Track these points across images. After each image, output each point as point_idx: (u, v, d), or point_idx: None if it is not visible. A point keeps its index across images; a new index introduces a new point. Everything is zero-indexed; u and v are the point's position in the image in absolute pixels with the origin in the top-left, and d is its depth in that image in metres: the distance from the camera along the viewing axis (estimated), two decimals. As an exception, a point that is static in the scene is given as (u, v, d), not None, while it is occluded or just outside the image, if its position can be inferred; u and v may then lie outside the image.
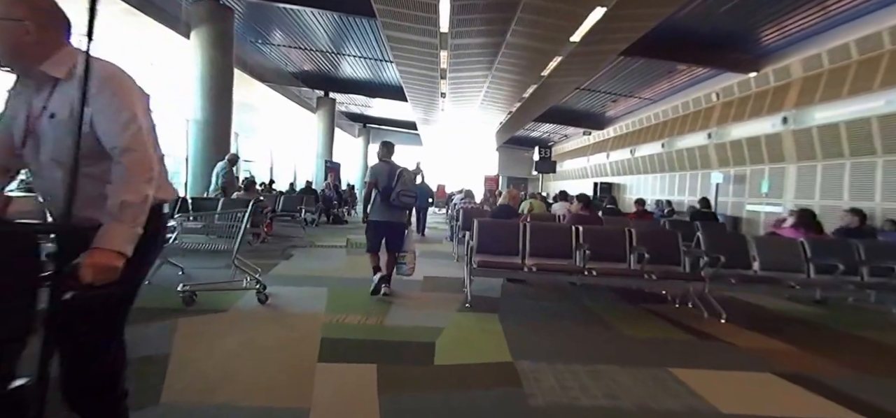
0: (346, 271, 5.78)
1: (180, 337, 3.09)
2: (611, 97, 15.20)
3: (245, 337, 3.17)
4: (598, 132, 19.50)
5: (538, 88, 12.70)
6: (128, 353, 1.58)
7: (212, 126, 9.35)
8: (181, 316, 3.52)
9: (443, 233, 10.82)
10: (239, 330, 3.30)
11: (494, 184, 20.52)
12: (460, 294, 4.71)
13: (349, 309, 4.02)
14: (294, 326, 3.45)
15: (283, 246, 7.41)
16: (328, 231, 10.02)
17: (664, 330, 3.90)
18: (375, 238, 4.52)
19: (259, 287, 4.02)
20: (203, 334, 3.17)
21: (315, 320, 3.62)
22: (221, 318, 3.55)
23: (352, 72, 16.13)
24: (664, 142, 13.47)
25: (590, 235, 4.61)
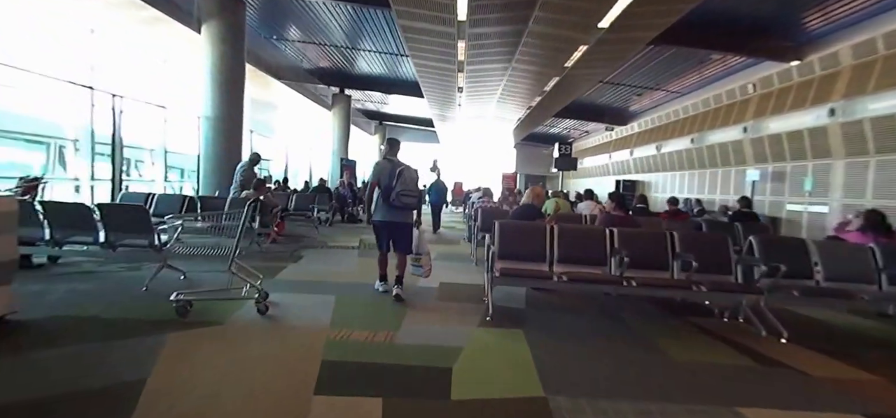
0: (356, 275, 5.39)
1: (165, 357, 2.72)
2: (636, 91, 14.49)
3: (236, 356, 2.78)
4: (620, 128, 18.74)
5: (560, 81, 12.11)
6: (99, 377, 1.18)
7: (223, 122, 9.10)
8: (173, 329, 3.16)
9: (460, 233, 10.39)
10: (231, 348, 2.92)
11: (512, 182, 19.96)
12: (480, 304, 4.26)
13: (357, 321, 3.61)
14: (293, 344, 3.06)
15: (293, 247, 7.08)
16: (342, 230, 9.69)
17: (719, 352, 3.37)
18: (380, 239, 4.37)
19: (258, 296, 3.64)
20: (190, 354, 2.80)
21: (317, 337, 3.22)
22: (214, 333, 3.18)
23: (367, 67, 15.81)
24: (693, 137, 12.73)
25: (626, 240, 4.10)
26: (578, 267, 4.05)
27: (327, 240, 8.05)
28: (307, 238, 8.14)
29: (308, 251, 6.87)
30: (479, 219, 6.60)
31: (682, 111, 13.75)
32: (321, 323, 3.52)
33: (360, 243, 7.79)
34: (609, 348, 3.35)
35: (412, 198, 4.24)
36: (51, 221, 4.17)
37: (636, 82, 13.70)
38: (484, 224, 6.46)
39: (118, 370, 2.51)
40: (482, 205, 6.86)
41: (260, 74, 14.21)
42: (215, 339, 3.06)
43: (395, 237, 4.32)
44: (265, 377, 2.54)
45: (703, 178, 12.62)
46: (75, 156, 8.53)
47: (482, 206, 6.81)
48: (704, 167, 12.47)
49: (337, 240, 8.13)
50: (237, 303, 3.73)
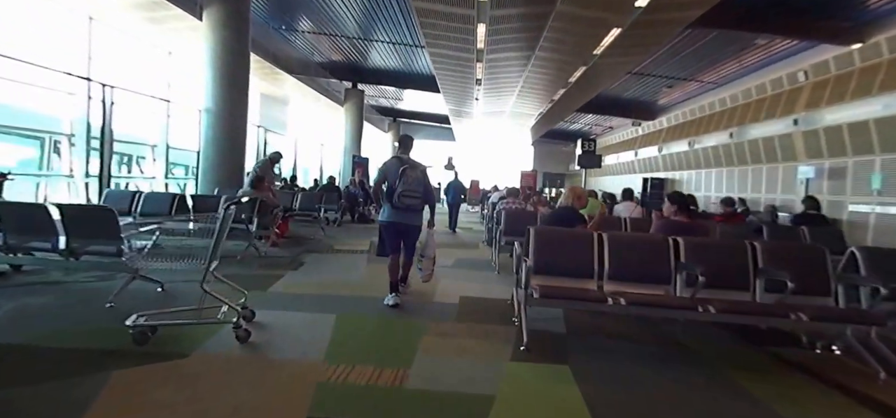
0: (363, 286, 4.66)
1: (100, 405, 2.03)
2: (666, 82, 13.47)
3: (192, 409, 2.07)
4: (647, 123, 17.69)
5: (587, 72, 11.22)
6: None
7: (225, 115, 8.46)
8: (121, 364, 2.47)
9: (478, 235, 9.61)
10: (189, 395, 2.21)
11: (532, 181, 19.08)
12: (509, 326, 3.50)
13: (359, 351, 2.89)
14: (273, 390, 2.34)
15: (296, 251, 6.40)
16: (352, 232, 9.00)
17: (828, 401, 2.55)
18: (387, 242, 4.07)
19: (237, 320, 2.93)
20: (134, 402, 2.10)
21: (307, 376, 2.50)
22: (170, 372, 2.47)
23: (381, 61, 15.14)
24: (733, 131, 11.69)
25: (696, 252, 3.28)
26: (635, 285, 3.25)
27: (334, 243, 7.36)
28: (312, 241, 7.46)
29: (311, 256, 6.18)
30: (502, 223, 5.80)
31: (719, 103, 12.70)
32: (314, 356, 2.79)
33: (371, 246, 7.08)
34: (682, 392, 2.55)
35: (414, 199, 3.95)
36: (4, 224, 3.54)
37: (667, 73, 12.71)
38: (509, 228, 5.68)
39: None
40: (507, 207, 6.06)
41: (269, 68, 13.70)
42: (169, 381, 2.35)
43: (403, 240, 4.05)
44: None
45: (744, 176, 11.57)
46: (70, 152, 8.02)
47: (507, 208, 6.01)
48: (745, 163, 11.42)
49: (345, 243, 7.44)
50: (213, 327, 3.03)
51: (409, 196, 3.90)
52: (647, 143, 17.71)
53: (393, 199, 3.89)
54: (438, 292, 4.58)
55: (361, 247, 7.06)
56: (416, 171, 3.96)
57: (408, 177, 3.89)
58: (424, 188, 4.01)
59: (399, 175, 3.87)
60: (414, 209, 3.99)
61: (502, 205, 6.18)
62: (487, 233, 7.99)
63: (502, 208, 6.05)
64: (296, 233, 7.90)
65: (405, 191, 3.88)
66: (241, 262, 5.36)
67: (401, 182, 3.86)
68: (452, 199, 11.05)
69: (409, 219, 4.00)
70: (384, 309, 3.85)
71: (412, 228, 4.05)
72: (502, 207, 6.08)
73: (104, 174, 7.87)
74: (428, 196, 4.10)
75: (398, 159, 4.04)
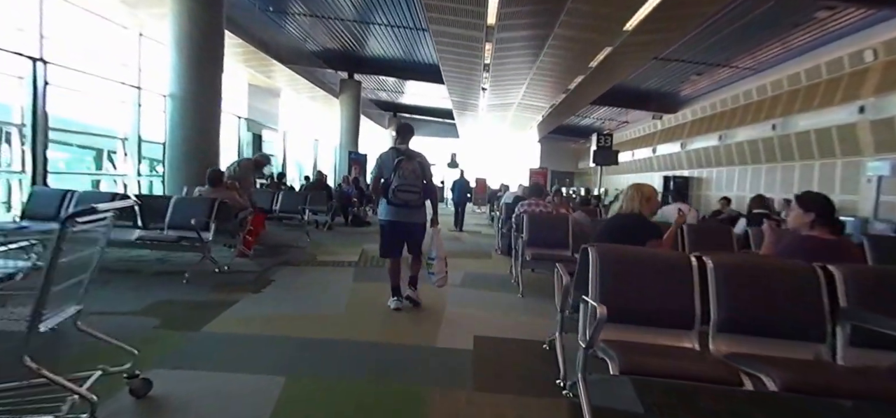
0: (340, 323, 3.41)
1: None
2: (696, 68, 12.13)
3: None
4: (667, 116, 16.34)
5: (610, 55, 9.93)
6: None
7: (193, 101, 7.22)
8: None
9: (488, 240, 8.33)
10: None
11: (543, 179, 17.78)
12: (557, 398, 2.24)
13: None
14: None
15: (267, 264, 5.16)
16: (342, 236, 7.76)
17: None
18: (388, 242, 3.68)
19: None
20: None
21: None
22: None
23: (380, 48, 13.91)
24: (776, 122, 10.34)
25: (866, 289, 1.99)
26: (763, 343, 1.98)
27: (318, 252, 6.11)
28: (292, 249, 6.22)
29: (284, 271, 4.94)
30: (525, 231, 4.53)
31: (758, 91, 11.35)
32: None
33: (361, 257, 5.84)
34: None
35: (412, 194, 3.53)
36: None
37: (696, 59, 11.38)
38: (536, 239, 4.41)
39: None
40: (530, 210, 4.78)
41: (259, 56, 12.52)
42: None
43: (406, 240, 3.70)
44: None
45: (788, 173, 10.24)
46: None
47: (530, 212, 4.72)
48: (791, 159, 10.08)
49: (331, 252, 6.19)
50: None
51: (406, 190, 3.51)
52: (668, 138, 16.38)
53: (389, 195, 3.53)
54: (444, 325, 3.35)
55: (350, 258, 5.81)
56: (413, 162, 3.56)
57: (403, 169, 3.51)
58: (424, 181, 3.60)
59: (394, 167, 3.51)
60: (413, 205, 3.58)
61: (523, 208, 4.89)
62: (502, 239, 6.73)
63: (524, 212, 4.77)
64: (275, 240, 6.65)
65: (401, 184, 3.49)
66: (188, 283, 4.12)
67: (396, 175, 3.50)
68: (458, 198, 10.79)
69: (410, 216, 3.60)
70: (366, 359, 2.61)
71: (413, 227, 3.65)
72: (524, 211, 4.80)
73: (38, 169, 6.62)
74: (428, 190, 3.67)
75: (395, 150, 3.65)
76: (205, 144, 7.43)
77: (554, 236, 4.33)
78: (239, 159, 5.96)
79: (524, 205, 4.84)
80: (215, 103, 7.62)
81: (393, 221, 3.59)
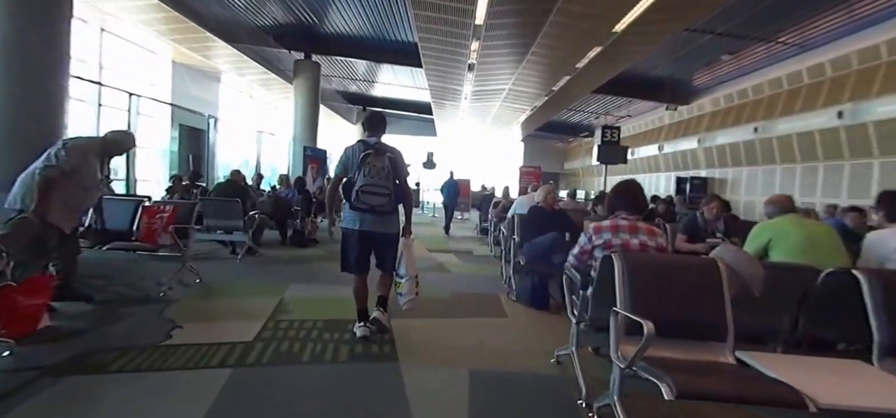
0: None
1: None
2: (728, 46, 9.91)
3: None
4: (681, 108, 14.19)
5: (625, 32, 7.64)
6: None
7: (17, 62, 4.43)
8: None
9: (493, 273, 5.65)
10: None
11: (535, 179, 15.35)
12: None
13: None
14: None
15: (53, 360, 2.38)
16: (262, 268, 4.99)
17: None
18: (351, 255, 2.92)
19: None
20: None
21: None
22: None
23: (344, 24, 11.31)
24: (842, 109, 8.18)
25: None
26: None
27: (189, 315, 3.31)
28: (146, 306, 3.39)
29: (42, 400, 2.17)
30: (625, 299, 1.92)
31: (810, 72, 9.19)
32: None
33: (268, 325, 3.11)
34: None
35: (379, 197, 2.81)
36: None
37: (734, 32, 9.16)
38: (667, 322, 1.84)
39: None
40: (636, 258, 2.13)
41: (188, 27, 9.77)
42: None
43: (375, 252, 2.97)
44: None
45: (861, 173, 8.08)
46: None
47: (636, 260, 2.09)
48: (869, 155, 7.90)
49: (218, 312, 3.41)
50: None
51: (372, 192, 2.78)
52: (679, 133, 14.23)
53: (352, 197, 2.79)
54: None
55: (245, 328, 3.04)
56: (383, 158, 2.83)
57: (371, 166, 2.79)
58: (396, 181, 2.87)
59: (360, 163, 2.78)
60: (381, 211, 2.84)
61: (602, 241, 2.18)
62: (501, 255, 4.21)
63: (616, 256, 2.13)
64: (132, 282, 3.83)
65: (367, 184, 2.77)
66: None
67: (361, 173, 2.78)
68: (449, 200, 10.47)
69: (377, 224, 2.88)
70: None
71: (381, 238, 2.93)
72: (613, 251, 2.14)
73: None
74: (401, 193, 2.92)
75: (362, 143, 2.90)
76: (37, 122, 4.59)
77: (703, 315, 1.91)
78: (69, 139, 3.12)
79: (602, 237, 2.16)
80: (55, 63, 4.79)
81: (355, 230, 2.88)
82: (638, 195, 2.28)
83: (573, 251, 2.33)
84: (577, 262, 2.30)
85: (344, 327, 3.12)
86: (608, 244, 2.14)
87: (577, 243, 2.30)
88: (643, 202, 2.31)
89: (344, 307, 3.57)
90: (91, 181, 3.11)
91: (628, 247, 2.12)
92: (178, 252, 3.72)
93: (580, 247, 2.28)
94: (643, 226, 2.19)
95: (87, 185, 3.12)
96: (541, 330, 3.36)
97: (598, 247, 2.17)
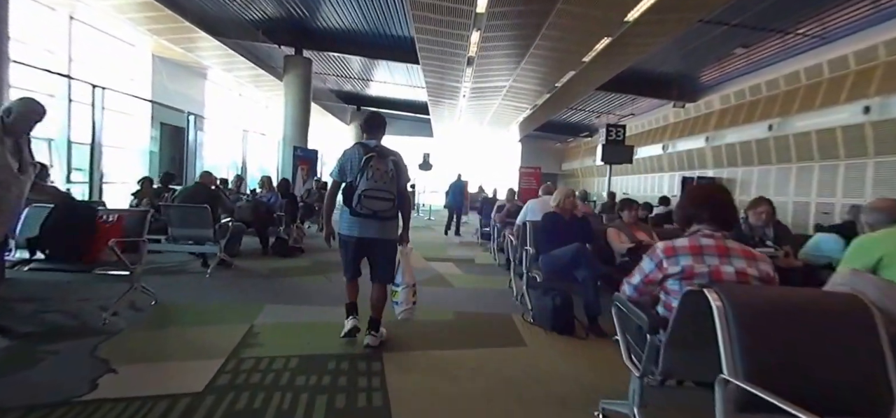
0: None
1: None
2: (743, 39, 9.36)
3: None
4: (688, 105, 13.65)
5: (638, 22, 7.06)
6: None
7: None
8: None
9: (502, 289, 5.01)
10: None
11: (535, 180, 14.77)
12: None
13: None
14: None
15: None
16: (237, 283, 4.34)
17: None
18: (348, 261, 2.84)
19: None
20: None
21: None
22: None
23: (336, 19, 10.75)
24: (868, 104, 7.65)
25: None
26: None
27: (125, 355, 2.68)
28: (80, 341, 2.74)
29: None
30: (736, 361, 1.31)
31: (830, 66, 8.67)
32: None
33: (227, 369, 2.46)
34: None
35: (384, 202, 2.69)
36: None
37: (749, 23, 8.61)
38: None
39: None
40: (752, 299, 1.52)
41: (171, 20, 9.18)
42: None
43: (370, 259, 2.84)
44: None
45: (887, 172, 7.56)
46: None
47: (698, 278, 1.49)
48: (894, 152, 7.39)
49: (161, 354, 2.77)
50: None
51: (377, 196, 2.66)
52: (686, 132, 13.70)
53: (353, 203, 2.66)
54: None
55: (183, 385, 2.39)
56: (386, 161, 2.72)
57: (375, 170, 2.67)
58: (399, 186, 2.75)
59: (362, 167, 2.66)
60: (384, 216, 2.72)
61: (671, 272, 1.56)
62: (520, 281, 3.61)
63: (674, 276, 1.53)
64: (51, 319, 3.16)
65: (370, 189, 2.65)
66: None
67: (364, 177, 2.65)
68: (455, 203, 10.32)
69: (378, 230, 2.74)
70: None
71: (382, 244, 2.78)
72: (674, 275, 1.53)
73: None
74: (402, 198, 2.80)
75: (362, 146, 2.77)
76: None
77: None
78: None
79: (679, 263, 1.50)
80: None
81: (352, 237, 2.75)
82: (727, 205, 1.67)
83: (631, 279, 1.70)
84: (635, 294, 1.68)
85: (324, 365, 2.50)
86: (689, 272, 1.52)
87: (639, 269, 1.68)
88: (734, 214, 1.69)
89: (325, 335, 2.94)
90: (5, 175, 2.43)
91: (719, 276, 1.50)
92: (124, 270, 3.05)
93: (643, 274, 1.65)
94: (736, 247, 1.57)
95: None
96: (572, 364, 2.74)
97: (672, 277, 1.55)
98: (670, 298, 1.56)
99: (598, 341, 3.10)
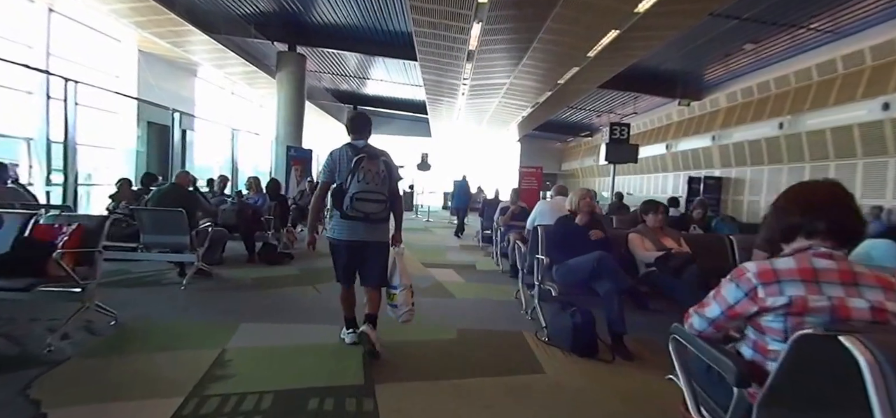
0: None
1: None
2: (751, 35, 8.99)
3: None
4: (685, 106, 13.29)
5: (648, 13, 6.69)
6: None
7: None
8: None
9: (514, 309, 4.61)
10: None
11: (537, 180, 14.36)
12: None
13: None
14: None
15: None
16: (214, 296, 3.91)
17: None
18: (341, 265, 2.75)
19: None
20: None
21: None
22: None
23: (330, 12, 10.32)
24: (888, 100, 7.29)
25: None
26: None
27: (64, 394, 2.25)
28: (14, 373, 2.31)
29: None
30: None
31: (845, 61, 8.31)
32: None
33: (196, 396, 2.04)
34: None
35: (376, 205, 2.59)
36: None
37: (761, 17, 8.24)
38: None
39: None
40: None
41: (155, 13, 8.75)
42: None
43: (364, 263, 2.72)
44: None
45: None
46: None
47: (816, 314, 1.08)
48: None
49: (108, 392, 2.33)
50: None
51: (369, 198, 2.56)
52: (691, 131, 13.34)
53: (343, 205, 2.54)
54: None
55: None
56: (378, 162, 2.62)
57: (366, 171, 2.56)
58: (391, 186, 2.67)
59: (352, 168, 2.55)
60: (375, 219, 2.63)
61: (772, 305, 1.12)
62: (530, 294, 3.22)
63: (775, 311, 1.11)
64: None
65: (362, 191, 2.54)
66: None
67: (355, 179, 2.54)
68: (460, 204, 10.31)
69: (369, 233, 2.65)
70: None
71: (374, 247, 2.69)
72: (777, 309, 1.12)
73: None
74: (394, 198, 2.72)
75: (351, 147, 2.68)
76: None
77: None
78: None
79: (784, 294, 1.09)
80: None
81: (344, 241, 2.66)
82: (852, 210, 1.20)
83: (703, 310, 1.27)
84: (711, 330, 1.26)
85: (304, 403, 2.07)
86: (800, 306, 1.07)
87: (718, 297, 1.23)
88: (861, 225, 1.23)
89: (308, 362, 2.52)
90: None
91: (847, 313, 1.06)
92: (74, 286, 2.62)
93: (725, 305, 1.19)
94: (866, 272, 1.13)
95: None
96: (601, 395, 2.33)
97: (773, 311, 1.11)
98: (765, 339, 1.14)
99: (626, 366, 2.69)
